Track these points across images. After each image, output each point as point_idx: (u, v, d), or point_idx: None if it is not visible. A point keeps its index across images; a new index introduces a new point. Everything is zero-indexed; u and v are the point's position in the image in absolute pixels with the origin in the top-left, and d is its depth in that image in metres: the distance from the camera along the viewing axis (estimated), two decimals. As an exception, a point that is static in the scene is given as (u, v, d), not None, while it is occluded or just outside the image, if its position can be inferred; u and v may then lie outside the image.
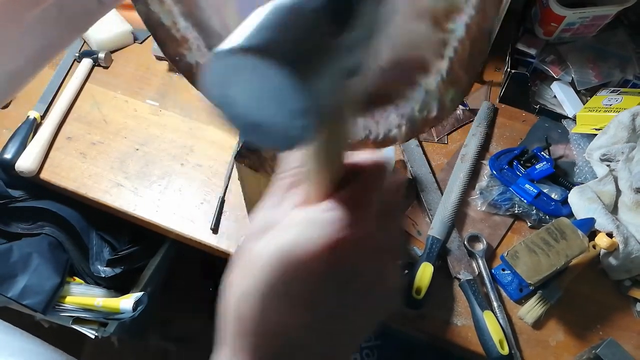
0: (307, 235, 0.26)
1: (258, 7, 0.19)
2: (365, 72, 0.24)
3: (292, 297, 0.27)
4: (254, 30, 0.18)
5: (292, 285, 0.26)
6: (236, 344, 0.28)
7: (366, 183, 0.28)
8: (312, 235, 0.26)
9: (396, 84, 0.41)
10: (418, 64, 0.40)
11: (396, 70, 0.40)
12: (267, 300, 0.26)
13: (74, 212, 0.89)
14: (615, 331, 0.76)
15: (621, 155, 0.85)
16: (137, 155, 0.90)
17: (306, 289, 0.27)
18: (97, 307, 0.84)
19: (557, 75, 0.97)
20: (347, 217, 0.26)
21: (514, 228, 0.85)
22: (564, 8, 0.89)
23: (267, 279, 0.26)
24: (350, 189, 0.28)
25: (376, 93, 0.41)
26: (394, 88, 0.41)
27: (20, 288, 0.80)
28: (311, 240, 0.26)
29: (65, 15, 0.42)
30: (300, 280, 0.26)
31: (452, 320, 0.77)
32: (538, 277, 0.72)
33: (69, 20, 0.42)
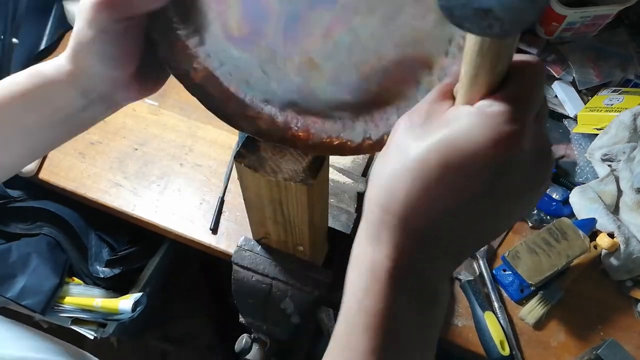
0: (472, 128, 0.26)
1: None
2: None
3: (448, 184, 0.27)
4: None
5: (451, 174, 0.27)
6: (383, 219, 0.29)
7: (527, 81, 0.28)
8: (477, 127, 0.26)
9: (397, 83, 0.40)
10: (421, 62, 0.40)
11: (399, 69, 0.40)
12: (424, 183, 0.27)
13: (72, 212, 0.89)
14: (616, 332, 0.76)
15: (622, 155, 0.85)
16: (136, 155, 0.90)
17: (464, 180, 0.27)
18: (96, 308, 0.84)
19: (558, 74, 0.96)
20: (512, 112, 0.26)
21: (515, 228, 0.85)
22: (565, 7, 0.89)
23: (426, 164, 0.27)
24: (512, 87, 0.28)
25: (377, 93, 0.41)
26: (396, 89, 0.41)
27: (19, 288, 0.79)
28: (476, 132, 0.26)
29: (65, 118, 0.44)
30: (460, 170, 0.27)
31: (452, 321, 0.77)
32: (539, 278, 0.72)
33: (68, 123, 0.44)
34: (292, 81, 0.41)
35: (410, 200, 0.28)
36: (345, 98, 0.41)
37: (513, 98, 0.27)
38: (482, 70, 0.27)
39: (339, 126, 0.42)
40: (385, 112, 0.41)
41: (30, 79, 0.42)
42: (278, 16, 0.38)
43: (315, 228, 0.60)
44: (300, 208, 0.52)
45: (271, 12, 0.38)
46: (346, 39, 0.39)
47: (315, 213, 0.55)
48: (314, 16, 0.38)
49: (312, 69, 0.40)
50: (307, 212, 0.52)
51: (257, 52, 0.40)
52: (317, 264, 0.73)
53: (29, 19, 0.97)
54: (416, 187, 0.28)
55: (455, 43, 0.37)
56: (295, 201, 0.50)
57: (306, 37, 0.39)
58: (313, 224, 0.57)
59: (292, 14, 0.38)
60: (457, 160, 0.27)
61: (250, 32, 0.40)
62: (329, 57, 0.39)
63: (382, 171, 0.30)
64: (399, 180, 0.28)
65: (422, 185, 0.27)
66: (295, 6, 0.38)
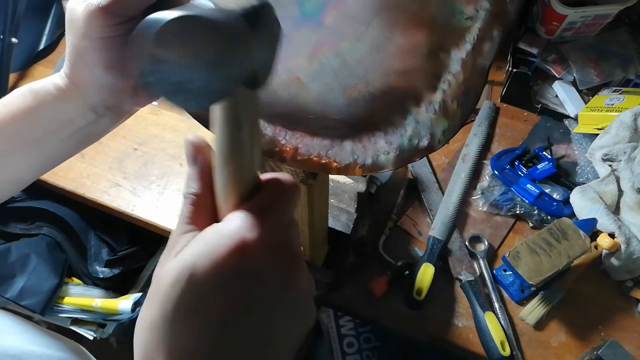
0: (212, 245, 0.26)
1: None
2: (270, 75, 0.27)
3: (201, 313, 0.25)
4: (193, 7, 0.22)
5: (199, 299, 0.25)
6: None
7: (273, 191, 0.29)
8: (217, 243, 0.26)
9: (386, 111, 0.40)
10: (410, 94, 0.39)
11: (387, 97, 0.39)
12: (174, 325, 0.25)
13: (72, 213, 0.89)
14: (617, 332, 0.76)
15: (623, 155, 0.84)
16: (135, 155, 0.89)
17: (214, 302, 0.25)
18: (95, 308, 0.84)
19: (558, 74, 0.96)
20: (252, 223, 0.26)
21: (515, 228, 0.85)
22: (565, 7, 0.88)
23: (172, 300, 0.25)
24: (257, 199, 0.28)
25: (364, 117, 0.41)
26: (384, 115, 0.40)
27: (19, 289, 0.79)
28: (216, 248, 0.26)
29: (72, 133, 0.43)
30: (208, 292, 0.25)
31: (453, 321, 0.77)
32: (540, 278, 0.72)
33: (78, 136, 0.43)
34: (279, 97, 0.41)
35: (166, 353, 0.25)
36: (333, 118, 0.41)
37: (257, 208, 0.27)
38: (227, 184, 0.28)
39: (327, 144, 0.42)
40: (374, 136, 0.41)
41: (28, 97, 0.41)
42: None
43: (315, 228, 0.60)
44: (300, 208, 0.52)
45: None
46: (333, 61, 0.38)
47: (315, 213, 0.55)
48: (299, 36, 0.37)
49: (299, 86, 0.40)
50: (307, 212, 0.52)
51: None
52: (317, 264, 0.73)
53: (29, 18, 0.97)
54: (165, 337, 0.25)
55: (444, 78, 0.37)
56: (295, 201, 0.50)
57: (292, 56, 0.38)
58: (313, 224, 0.57)
59: None
60: (202, 284, 0.25)
61: None
62: (316, 78, 0.39)
63: (140, 321, 0.27)
64: (152, 329, 0.26)
65: (172, 332, 0.25)
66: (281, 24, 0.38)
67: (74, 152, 0.46)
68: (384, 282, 0.78)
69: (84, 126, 0.42)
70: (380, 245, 0.82)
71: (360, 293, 0.79)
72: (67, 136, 0.42)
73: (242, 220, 0.27)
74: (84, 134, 0.43)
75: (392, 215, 0.84)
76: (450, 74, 0.37)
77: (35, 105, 0.41)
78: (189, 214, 0.29)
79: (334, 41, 0.37)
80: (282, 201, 0.29)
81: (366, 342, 0.99)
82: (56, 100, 0.40)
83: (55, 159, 0.46)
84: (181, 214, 0.30)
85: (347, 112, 0.40)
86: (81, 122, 0.42)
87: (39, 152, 0.43)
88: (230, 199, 0.29)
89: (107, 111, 0.42)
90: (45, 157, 0.45)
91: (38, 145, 0.43)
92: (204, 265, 0.25)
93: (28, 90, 0.41)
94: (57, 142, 0.43)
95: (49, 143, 0.43)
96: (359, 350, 0.98)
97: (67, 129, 0.42)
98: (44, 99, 0.40)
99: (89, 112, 0.41)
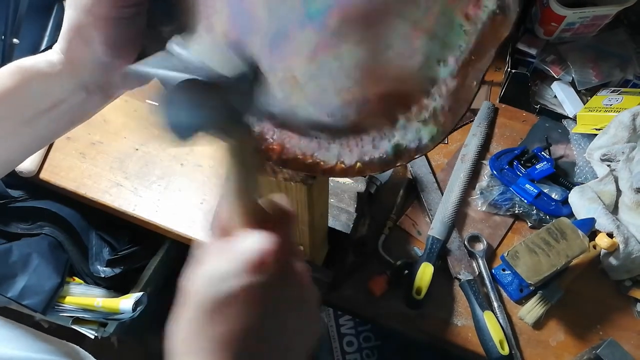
0: (236, 255, 0.30)
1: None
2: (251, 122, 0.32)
3: (223, 324, 0.30)
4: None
5: (220, 315, 0.30)
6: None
7: (278, 217, 0.34)
8: (240, 253, 0.30)
9: (376, 115, 0.41)
10: (402, 98, 0.40)
11: (380, 103, 0.40)
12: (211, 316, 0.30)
13: (73, 212, 0.89)
14: (615, 331, 0.76)
15: (621, 155, 0.85)
16: (136, 155, 0.90)
17: (235, 315, 0.30)
18: (96, 308, 0.84)
19: (557, 75, 0.96)
20: (268, 243, 0.31)
21: (514, 228, 0.85)
22: (564, 8, 0.89)
23: (197, 313, 0.30)
24: (267, 222, 0.33)
25: (355, 121, 0.41)
26: (374, 119, 0.41)
27: (20, 288, 0.80)
28: (239, 257, 0.30)
29: (63, 112, 0.42)
30: (227, 307, 0.30)
31: (452, 321, 0.77)
32: (538, 278, 0.72)
33: (66, 116, 0.43)
34: (273, 95, 0.41)
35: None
36: (324, 120, 0.41)
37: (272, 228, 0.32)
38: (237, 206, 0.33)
39: (314, 145, 0.43)
40: (362, 140, 0.42)
41: (17, 75, 0.40)
42: (266, 30, 0.38)
43: (315, 228, 0.60)
44: (300, 208, 0.52)
45: (259, 24, 0.38)
46: (332, 63, 0.38)
47: (315, 213, 0.55)
48: (302, 36, 0.38)
49: (294, 86, 0.40)
50: (307, 212, 0.52)
51: None
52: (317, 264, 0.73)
53: (30, 19, 0.97)
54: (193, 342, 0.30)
55: (438, 85, 0.38)
56: (295, 201, 0.51)
57: (292, 55, 0.39)
58: (313, 224, 0.57)
59: (281, 30, 0.38)
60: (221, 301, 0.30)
61: (237, 41, 0.39)
62: (312, 78, 0.39)
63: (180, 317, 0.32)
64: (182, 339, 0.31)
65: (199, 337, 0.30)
66: (284, 23, 0.38)
67: (63, 131, 0.46)
68: (383, 281, 0.78)
69: (74, 105, 0.42)
70: (380, 244, 0.82)
71: (360, 292, 0.79)
72: (58, 115, 0.42)
73: (260, 234, 0.31)
74: (74, 112, 0.43)
75: (392, 215, 0.85)
76: (443, 82, 0.37)
77: (25, 82, 0.40)
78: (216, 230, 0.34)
79: (335, 43, 0.38)
80: (287, 223, 0.34)
81: (366, 341, 1.00)
82: (47, 77, 0.40)
83: (45, 139, 0.46)
84: (208, 227, 0.35)
85: (338, 115, 0.41)
86: (72, 101, 0.41)
87: (30, 132, 0.43)
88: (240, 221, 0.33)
89: (98, 90, 0.42)
90: (36, 137, 0.44)
91: (29, 125, 0.42)
92: (234, 269, 0.30)
93: (17, 67, 0.40)
94: (48, 122, 0.42)
95: (40, 122, 0.42)
96: (358, 349, 0.99)
97: (58, 108, 0.42)
98: (35, 75, 0.40)
99: (81, 90, 0.41)
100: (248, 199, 0.33)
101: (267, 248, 0.30)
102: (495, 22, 0.34)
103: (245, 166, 0.32)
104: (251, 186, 0.33)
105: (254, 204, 0.34)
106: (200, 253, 0.33)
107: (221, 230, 0.34)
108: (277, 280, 0.31)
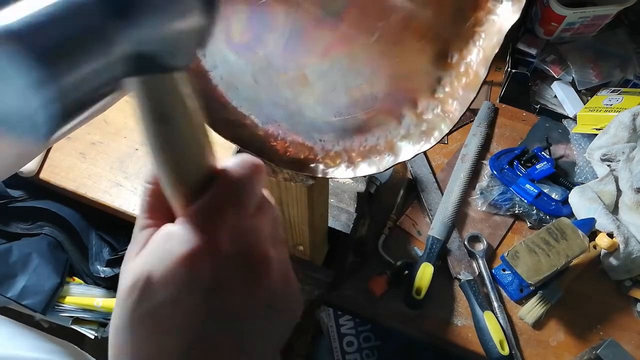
0: (164, 253, 0.25)
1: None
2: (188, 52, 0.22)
3: (158, 322, 0.25)
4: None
5: (155, 308, 0.25)
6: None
7: (226, 183, 0.26)
8: (169, 251, 0.25)
9: (382, 113, 0.41)
10: (409, 96, 0.40)
11: (387, 99, 0.40)
12: (135, 330, 0.25)
13: (73, 212, 0.89)
14: (615, 331, 0.76)
15: (622, 155, 0.85)
16: (136, 155, 0.90)
17: (170, 311, 0.25)
18: (96, 308, 0.84)
19: (557, 75, 0.96)
20: (199, 228, 0.25)
21: (514, 228, 0.85)
22: (564, 8, 0.89)
23: (129, 306, 0.25)
24: (205, 198, 0.25)
25: (361, 119, 0.41)
26: (379, 117, 0.41)
27: (20, 288, 0.80)
28: (167, 256, 0.24)
29: None
30: (162, 301, 0.24)
31: (452, 321, 0.77)
32: (538, 277, 0.72)
33: None
34: (282, 95, 0.41)
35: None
36: (331, 119, 0.41)
37: (207, 209, 0.25)
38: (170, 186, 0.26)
39: (318, 148, 0.43)
40: (366, 140, 0.42)
41: None
42: (283, 28, 0.38)
43: (315, 228, 0.60)
44: (300, 208, 0.52)
45: (277, 24, 0.38)
46: (343, 61, 0.39)
47: (315, 213, 0.55)
48: (317, 34, 0.38)
49: (304, 85, 0.40)
50: (307, 212, 0.52)
51: (253, 60, 0.40)
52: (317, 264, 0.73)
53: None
54: (129, 343, 0.25)
55: (444, 83, 0.38)
56: (295, 201, 0.51)
57: (305, 53, 0.39)
58: (313, 224, 0.57)
59: (297, 28, 0.38)
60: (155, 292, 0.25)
61: (251, 40, 0.40)
62: (323, 76, 0.40)
63: (112, 321, 0.27)
64: (117, 335, 0.26)
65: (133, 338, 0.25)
66: (301, 22, 0.38)
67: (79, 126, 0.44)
68: (383, 281, 0.78)
69: None
70: (380, 244, 0.82)
71: (360, 292, 0.79)
72: None
73: (188, 226, 0.25)
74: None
75: (392, 215, 0.85)
76: (450, 78, 0.37)
77: None
78: (147, 206, 0.28)
79: (348, 41, 0.38)
80: (236, 197, 0.26)
81: (366, 341, 1.00)
82: None
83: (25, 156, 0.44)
84: (140, 207, 0.28)
85: (345, 114, 0.41)
86: None
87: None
88: (178, 197, 0.26)
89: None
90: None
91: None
92: (158, 275, 0.24)
93: None
94: None
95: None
96: (358, 349, 0.99)
97: None
98: None
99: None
100: (181, 164, 0.25)
101: (202, 242, 0.24)
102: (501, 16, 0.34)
103: (170, 123, 0.24)
104: (184, 150, 0.25)
105: (193, 172, 0.26)
106: (136, 232, 0.27)
107: (158, 200, 0.27)
108: (222, 279, 0.25)
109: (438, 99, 0.39)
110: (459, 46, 0.36)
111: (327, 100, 0.41)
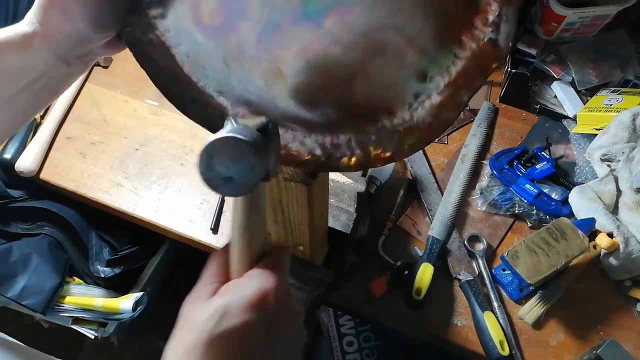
0: (242, 292, 0.34)
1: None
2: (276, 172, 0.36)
3: (228, 343, 0.33)
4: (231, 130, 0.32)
5: (230, 332, 0.33)
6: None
7: (276, 255, 0.38)
8: (245, 291, 0.34)
9: (358, 117, 0.41)
10: (385, 106, 0.40)
11: (362, 106, 0.40)
12: (209, 348, 0.32)
13: (73, 212, 0.89)
14: (615, 331, 0.76)
15: (622, 155, 0.85)
16: (136, 155, 0.90)
17: (243, 334, 0.33)
18: (96, 308, 0.84)
19: (557, 75, 0.96)
20: (269, 276, 0.35)
21: (514, 228, 0.85)
22: (564, 8, 0.89)
23: (208, 330, 0.33)
24: (266, 260, 0.37)
25: (335, 120, 0.41)
26: (354, 120, 0.41)
27: (20, 288, 0.80)
28: (245, 293, 0.34)
29: (43, 86, 0.41)
30: (238, 326, 0.33)
31: (452, 321, 0.77)
32: (538, 277, 0.72)
33: (46, 89, 0.42)
34: (254, 83, 0.41)
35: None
36: (304, 115, 0.41)
37: (269, 266, 0.36)
38: (243, 250, 0.37)
39: (289, 136, 0.43)
40: (338, 139, 0.42)
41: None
42: (257, 19, 0.38)
43: (315, 228, 0.60)
44: (300, 208, 0.52)
45: (251, 13, 0.38)
46: (320, 62, 0.38)
47: (315, 213, 0.56)
48: (294, 32, 0.38)
49: (277, 77, 0.40)
50: (307, 212, 0.52)
51: (224, 45, 0.40)
52: (317, 264, 0.73)
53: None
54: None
55: (421, 99, 0.39)
56: (295, 201, 0.51)
57: (280, 48, 0.39)
58: (313, 224, 0.57)
59: (273, 22, 0.38)
60: (233, 326, 0.33)
61: (223, 24, 0.39)
62: (298, 74, 0.39)
63: (178, 344, 0.34)
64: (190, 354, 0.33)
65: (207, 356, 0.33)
66: (278, 17, 0.37)
67: (45, 104, 0.45)
68: (383, 281, 0.78)
69: (55, 77, 0.41)
70: (380, 245, 0.82)
71: (360, 292, 0.79)
72: (39, 89, 0.41)
73: (262, 274, 0.36)
74: (54, 85, 0.43)
75: (392, 215, 0.85)
76: (427, 96, 0.38)
77: (1, 60, 0.39)
78: (214, 270, 0.38)
79: (327, 43, 0.38)
80: (284, 261, 0.38)
81: (366, 341, 1.00)
82: (22, 50, 0.38)
83: (28, 114, 0.45)
84: (208, 269, 0.38)
85: (319, 113, 0.41)
86: (52, 74, 0.41)
87: (13, 109, 0.42)
88: (244, 262, 0.37)
89: (78, 61, 0.41)
90: (17, 114, 0.44)
91: (12, 103, 0.41)
92: (236, 306, 0.33)
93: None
94: (29, 97, 0.42)
95: (20, 99, 0.41)
96: (358, 349, 0.99)
97: (38, 82, 0.41)
98: (11, 52, 0.38)
99: (61, 63, 0.40)
100: (254, 242, 0.37)
101: (269, 288, 0.35)
102: (485, 52, 0.35)
103: (258, 213, 0.36)
104: (259, 231, 0.37)
105: (258, 246, 0.37)
106: (201, 287, 0.37)
107: (220, 273, 0.38)
108: (275, 317, 0.35)
109: (414, 114, 0.39)
110: (439, 71, 0.37)
111: (302, 96, 0.40)
